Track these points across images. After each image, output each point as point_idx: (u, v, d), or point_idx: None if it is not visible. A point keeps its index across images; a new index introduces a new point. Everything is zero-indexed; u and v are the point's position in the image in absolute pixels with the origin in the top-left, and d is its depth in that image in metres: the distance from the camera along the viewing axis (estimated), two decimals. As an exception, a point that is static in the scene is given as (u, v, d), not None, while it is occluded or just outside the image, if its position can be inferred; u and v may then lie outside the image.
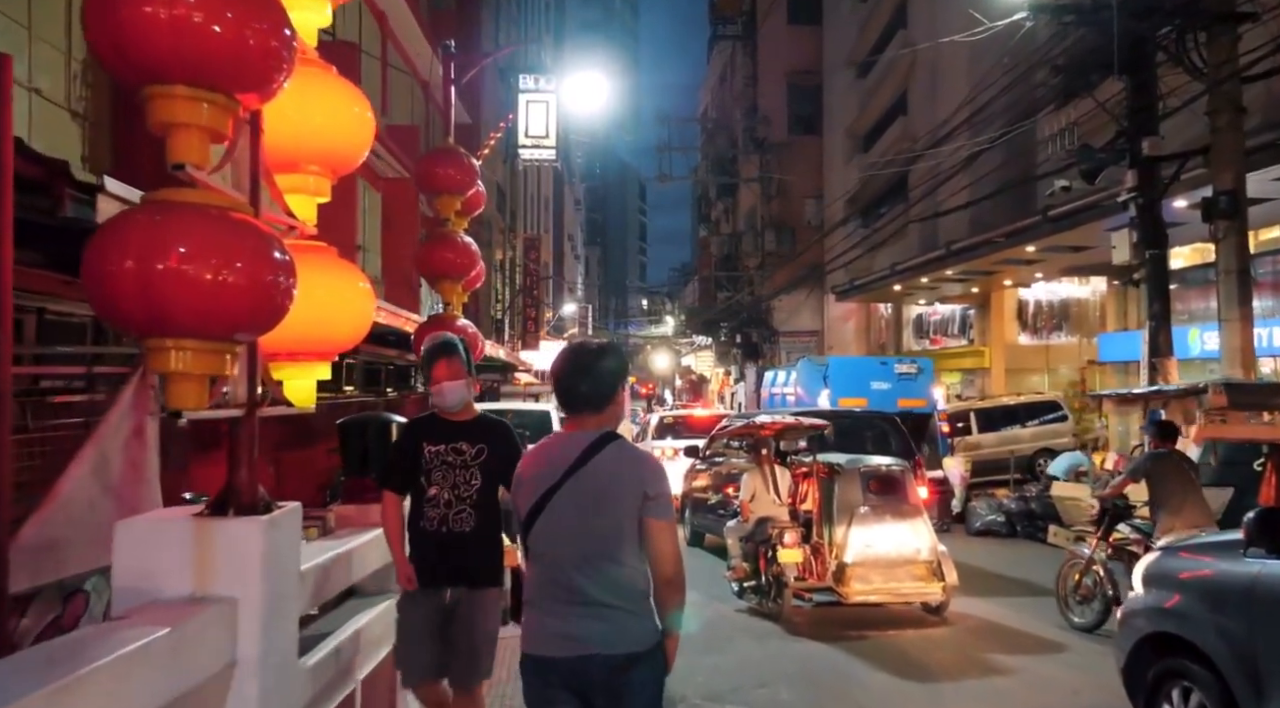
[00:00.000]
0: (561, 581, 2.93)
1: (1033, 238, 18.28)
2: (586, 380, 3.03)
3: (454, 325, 6.69)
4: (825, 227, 33.04)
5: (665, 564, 2.96)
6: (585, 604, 2.91)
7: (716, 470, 12.96)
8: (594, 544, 2.93)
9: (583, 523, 2.93)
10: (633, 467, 3.00)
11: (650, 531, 2.94)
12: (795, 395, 18.11)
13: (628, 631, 2.93)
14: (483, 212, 27.13)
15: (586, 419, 3.04)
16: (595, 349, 3.15)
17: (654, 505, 2.95)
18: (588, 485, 2.94)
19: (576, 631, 2.91)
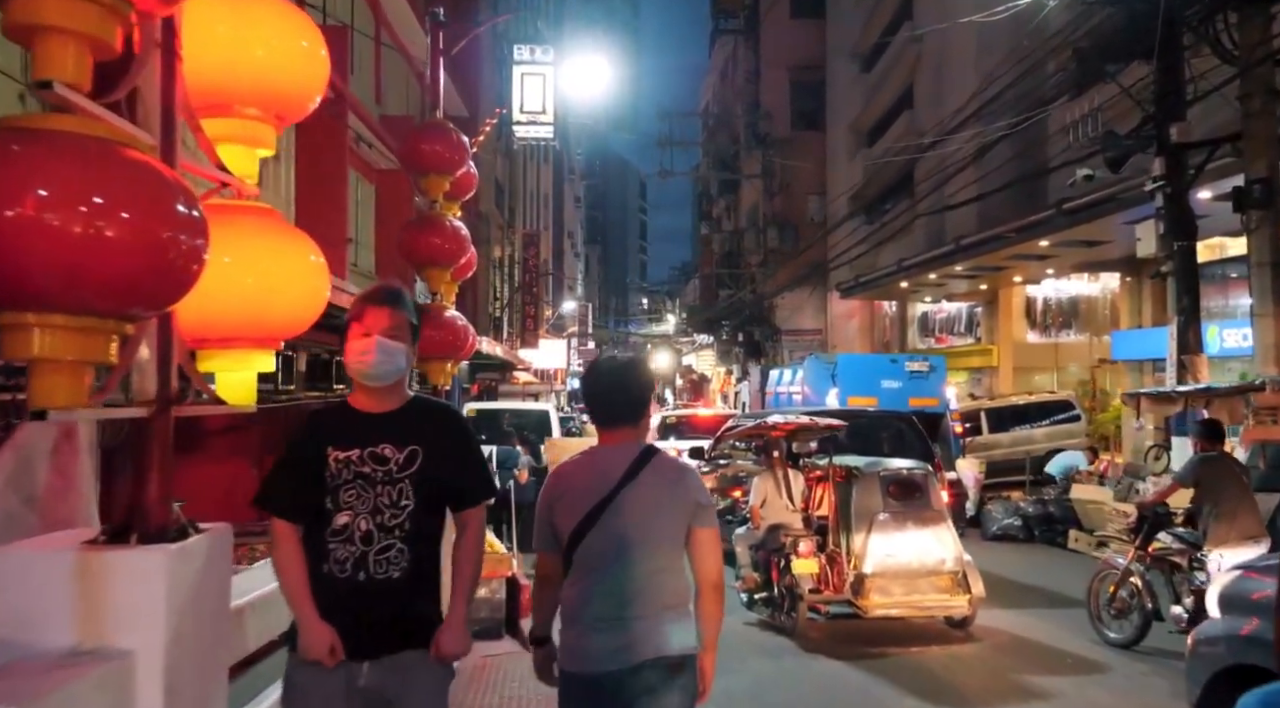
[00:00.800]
0: (615, 593, 2.95)
1: (1046, 232, 17.68)
2: (624, 394, 3.10)
3: (443, 318, 6.10)
4: (829, 223, 32.53)
5: (714, 570, 3.07)
6: (641, 614, 2.95)
7: (723, 473, 12.38)
8: (650, 554, 2.98)
9: (640, 533, 2.98)
10: (685, 477, 3.11)
11: (700, 538, 3.04)
12: (802, 394, 17.52)
13: (673, 635, 2.98)
14: (480, 207, 26.48)
15: (626, 432, 3.09)
16: (628, 363, 3.21)
17: (704, 514, 3.07)
18: (643, 496, 2.99)
19: (632, 640, 2.93)
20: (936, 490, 7.93)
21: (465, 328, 6.10)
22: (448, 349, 5.97)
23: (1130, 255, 19.57)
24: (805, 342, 37.00)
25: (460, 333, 6.00)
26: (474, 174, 6.74)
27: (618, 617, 2.94)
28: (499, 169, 31.52)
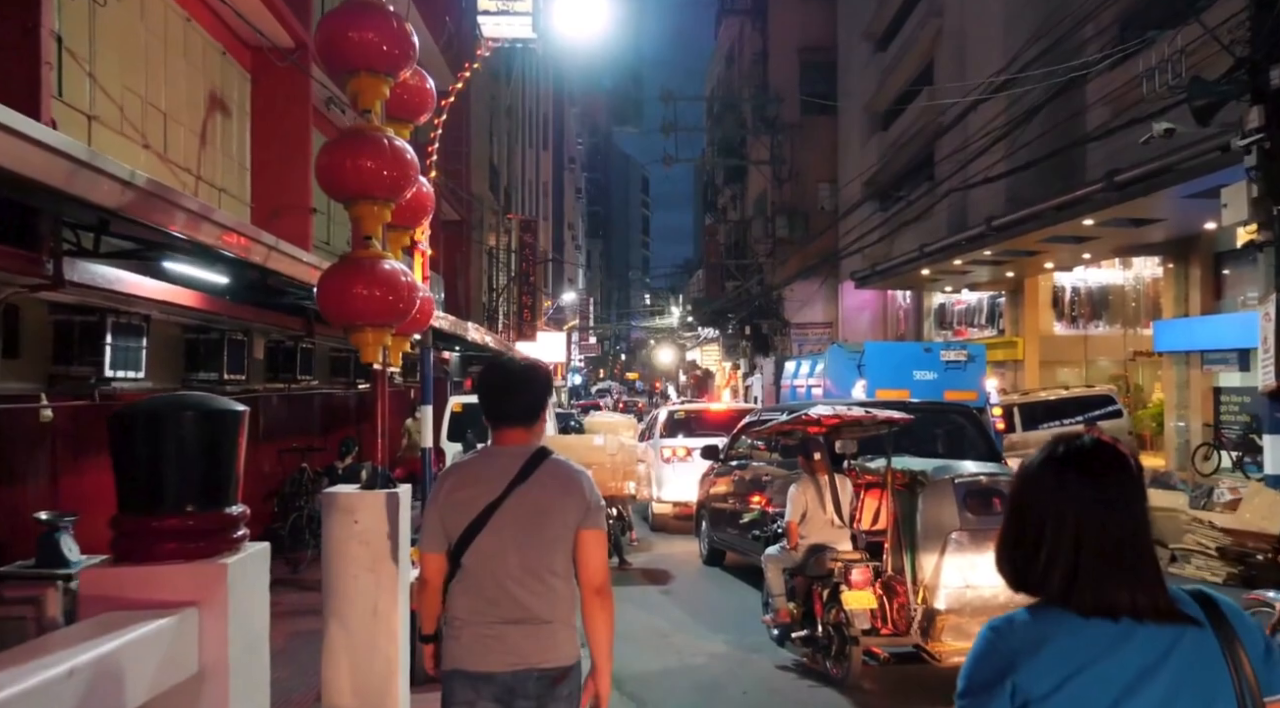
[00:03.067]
0: (503, 597, 2.94)
1: (1092, 209, 16.04)
2: (518, 396, 3.08)
3: (377, 271, 4.44)
4: (840, 211, 31.06)
5: (598, 573, 3.01)
6: (524, 618, 2.93)
7: (740, 475, 10.77)
8: (535, 558, 2.96)
9: (526, 537, 2.96)
10: (576, 480, 3.04)
11: (586, 541, 2.99)
12: (822, 388, 15.88)
13: (561, 644, 2.98)
14: (473, 188, 24.66)
15: (519, 433, 3.08)
16: (524, 366, 3.19)
17: (594, 516, 3.02)
18: (533, 499, 2.97)
19: (515, 646, 2.93)
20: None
21: (411, 287, 4.45)
22: (385, 313, 4.33)
23: (1178, 237, 18.07)
24: (815, 335, 35.74)
25: (403, 293, 4.36)
26: (430, 89, 5.09)
27: (505, 620, 2.93)
28: (495, 153, 29.92)
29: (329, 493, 4.69)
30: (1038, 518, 1.69)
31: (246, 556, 2.72)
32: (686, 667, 7.21)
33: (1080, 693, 1.60)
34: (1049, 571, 1.66)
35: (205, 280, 8.09)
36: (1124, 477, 1.69)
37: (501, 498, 2.95)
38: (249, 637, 2.69)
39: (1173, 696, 1.60)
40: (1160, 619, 1.63)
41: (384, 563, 4.67)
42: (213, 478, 2.66)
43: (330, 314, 4.42)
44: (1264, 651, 1.68)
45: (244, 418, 2.77)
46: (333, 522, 4.60)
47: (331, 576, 4.60)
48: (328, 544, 4.60)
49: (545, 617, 2.94)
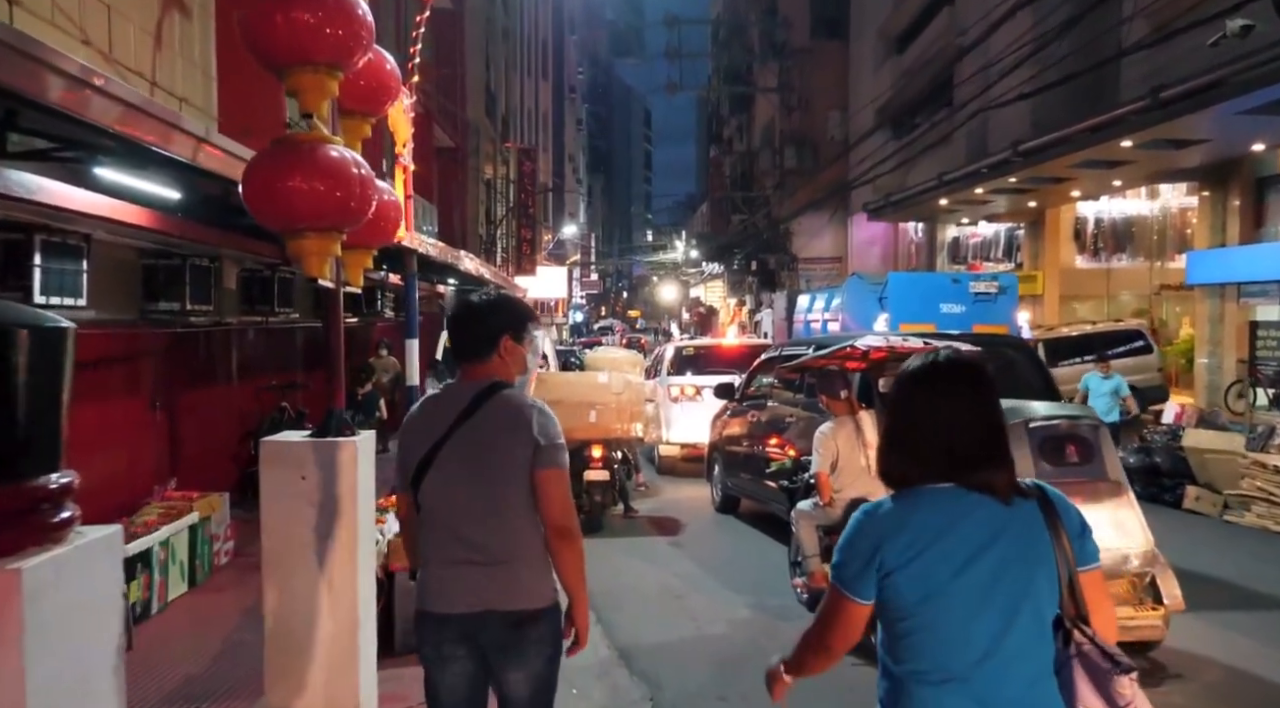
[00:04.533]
0: (456, 535, 2.88)
1: (1131, 129, 14.88)
2: (470, 330, 2.99)
3: (319, 159, 3.43)
4: (851, 140, 29.84)
5: (553, 510, 2.87)
6: (481, 560, 2.85)
7: (757, 417, 9.86)
8: (485, 497, 2.87)
9: (473, 475, 2.88)
10: (524, 413, 2.91)
11: (539, 480, 2.87)
12: (840, 322, 14.91)
13: (523, 586, 2.86)
14: (468, 114, 23.28)
15: (477, 368, 3.00)
16: (479, 300, 3.06)
17: (547, 454, 2.88)
18: (475, 436, 2.89)
19: (473, 586, 2.85)
20: (1112, 451, 5.34)
21: (366, 182, 3.44)
22: (330, 213, 3.34)
23: (1217, 162, 16.93)
24: (824, 270, 34.77)
25: (353, 187, 3.37)
26: (391, 70, 4.04)
27: (460, 560, 2.86)
28: (491, 77, 28.60)
29: (270, 442, 3.74)
30: (916, 421, 2.03)
31: (72, 550, 1.77)
32: (705, 637, 6.35)
33: (930, 562, 1.94)
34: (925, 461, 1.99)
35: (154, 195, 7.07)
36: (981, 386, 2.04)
37: (447, 434, 2.88)
38: (77, 674, 1.74)
39: (1004, 564, 1.94)
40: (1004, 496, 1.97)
41: (340, 528, 3.74)
42: (10, 431, 1.69)
43: (261, 214, 3.43)
44: (1079, 529, 2.03)
45: (67, 340, 1.80)
46: (274, 478, 3.68)
47: (273, 545, 3.69)
48: (268, 506, 3.68)
49: (501, 556, 2.84)
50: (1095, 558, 2.04)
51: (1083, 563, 2.00)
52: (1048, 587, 1.95)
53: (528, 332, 3.06)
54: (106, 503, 7.48)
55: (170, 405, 9.15)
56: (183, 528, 7.45)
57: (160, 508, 7.64)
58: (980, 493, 1.94)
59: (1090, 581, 2.01)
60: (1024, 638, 1.93)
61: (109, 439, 7.85)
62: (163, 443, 8.87)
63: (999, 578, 1.91)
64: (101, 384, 7.76)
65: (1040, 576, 1.95)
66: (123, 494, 7.81)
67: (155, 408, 8.82)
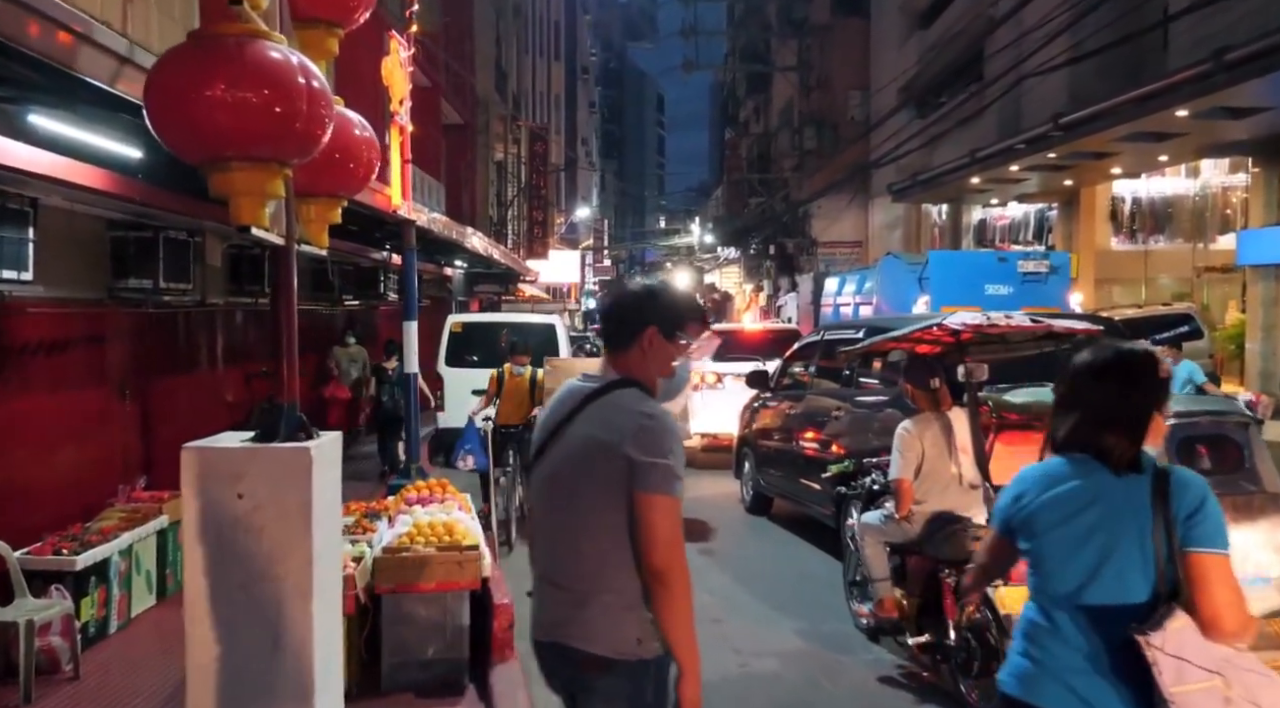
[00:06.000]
0: (547, 551, 2.58)
1: (1188, 97, 13.84)
2: (616, 315, 2.64)
3: (252, 55, 2.43)
4: (873, 120, 28.88)
5: (646, 546, 2.35)
6: (563, 584, 2.49)
7: (794, 408, 8.95)
8: (570, 515, 2.48)
9: (561, 487, 2.51)
10: (619, 421, 2.43)
11: (636, 505, 2.37)
12: (873, 306, 13.96)
13: (598, 627, 2.42)
14: (477, 89, 22.09)
15: (615, 360, 2.60)
16: (631, 286, 2.79)
17: (645, 473, 2.37)
18: (572, 440, 2.50)
19: (554, 613, 2.51)
20: (1265, 455, 4.37)
21: (318, 96, 2.50)
22: (267, 134, 2.38)
23: (1272, 134, 15.92)
24: (844, 254, 33.88)
25: (298, 101, 2.41)
26: None
27: (547, 579, 2.55)
28: (502, 55, 27.67)
29: (195, 450, 2.80)
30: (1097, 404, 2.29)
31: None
32: (752, 676, 5.40)
33: (1046, 509, 2.29)
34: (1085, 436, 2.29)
35: (109, 151, 6.15)
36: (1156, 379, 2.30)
37: (556, 431, 2.56)
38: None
39: (1095, 527, 2.21)
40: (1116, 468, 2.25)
41: (290, 562, 2.79)
42: None
43: (171, 138, 2.49)
44: (1191, 512, 2.18)
45: None
46: (201, 497, 2.73)
47: (199, 587, 2.73)
48: (192, 536, 2.73)
49: (580, 586, 2.47)
50: (1209, 544, 2.13)
51: (1188, 545, 2.13)
52: (1138, 555, 2.16)
53: (682, 330, 2.58)
54: (59, 506, 6.58)
55: (143, 395, 8.25)
56: (149, 534, 6.59)
57: (123, 512, 6.75)
58: (1098, 461, 2.24)
59: (1199, 563, 2.12)
60: (1104, 592, 2.17)
61: (64, 433, 6.95)
62: (133, 437, 7.97)
63: (1090, 537, 2.19)
64: (55, 370, 6.85)
65: (1127, 543, 2.17)
66: (81, 496, 6.91)
67: (125, 397, 7.92)
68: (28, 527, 6.06)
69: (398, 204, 7.70)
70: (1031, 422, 4.78)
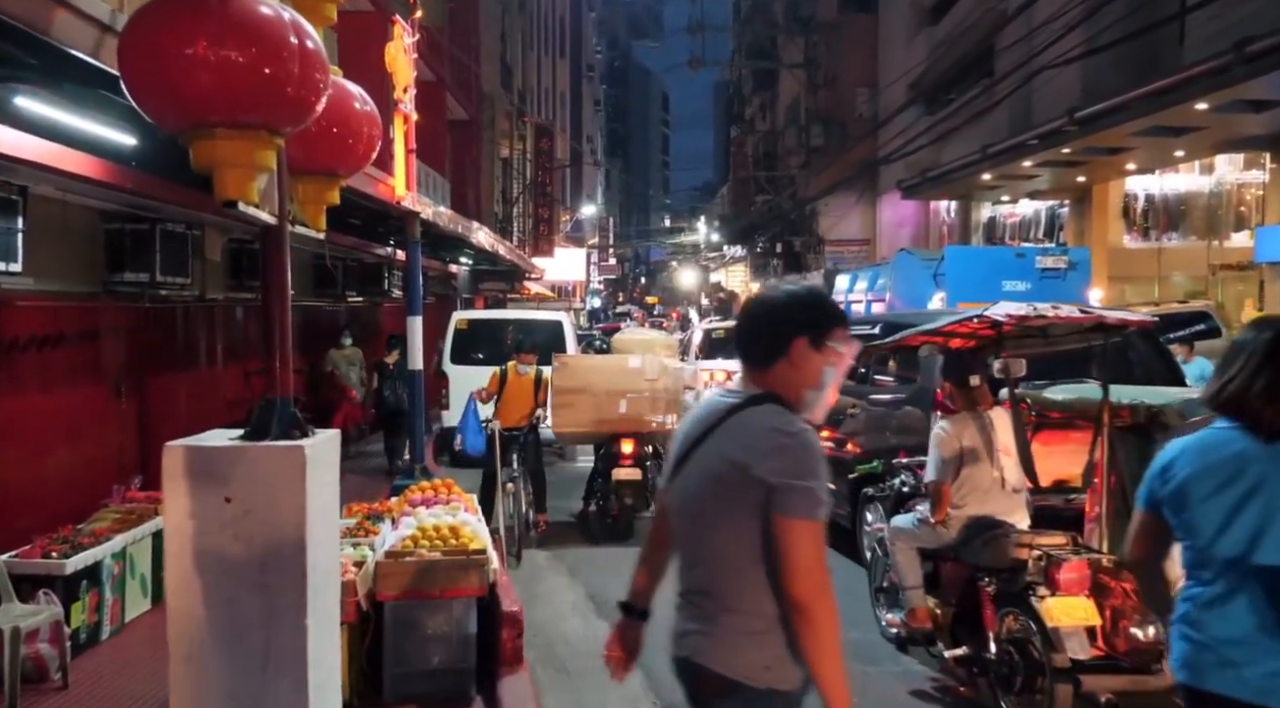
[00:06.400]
0: (682, 568, 2.45)
1: (1208, 90, 13.57)
2: (756, 326, 2.40)
3: (235, 6, 2.17)
4: (880, 117, 28.65)
5: (789, 579, 2.18)
6: (694, 600, 2.37)
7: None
8: (703, 532, 2.34)
9: (695, 505, 2.36)
10: (750, 439, 2.25)
11: (774, 530, 2.19)
12: (886, 303, 13.72)
13: (723, 647, 2.28)
14: (484, 86, 21.76)
15: (755, 376, 2.39)
16: (772, 291, 2.46)
17: (779, 497, 2.19)
18: (707, 459, 2.34)
19: (684, 627, 2.38)
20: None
21: (312, 57, 2.21)
22: (254, 97, 2.11)
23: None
24: (852, 252, 33.65)
25: (288, 61, 2.11)
26: None
27: (681, 595, 2.43)
28: (508, 51, 27.43)
29: (178, 448, 2.55)
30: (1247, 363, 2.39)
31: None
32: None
33: (1198, 479, 2.37)
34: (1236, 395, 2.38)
35: (103, 138, 5.91)
36: None
37: (693, 447, 2.38)
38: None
39: (1251, 492, 2.29)
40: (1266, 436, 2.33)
41: (282, 572, 2.53)
42: None
43: (148, 101, 2.23)
44: None
45: None
46: (184, 500, 2.47)
47: (183, 603, 2.48)
48: (174, 544, 2.46)
49: (709, 604, 2.31)
50: None
51: None
52: None
53: (833, 338, 2.36)
54: (50, 507, 6.34)
55: (140, 392, 8.01)
56: (145, 535, 6.34)
57: (117, 513, 6.51)
58: (1248, 431, 2.34)
59: None
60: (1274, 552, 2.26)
61: (56, 431, 6.71)
62: (128, 435, 7.73)
63: (1248, 501, 2.29)
64: (46, 366, 6.61)
65: None
66: (74, 496, 6.67)
67: (120, 395, 7.68)
68: (18, 529, 5.85)
69: (402, 195, 7.46)
70: (1074, 420, 4.51)
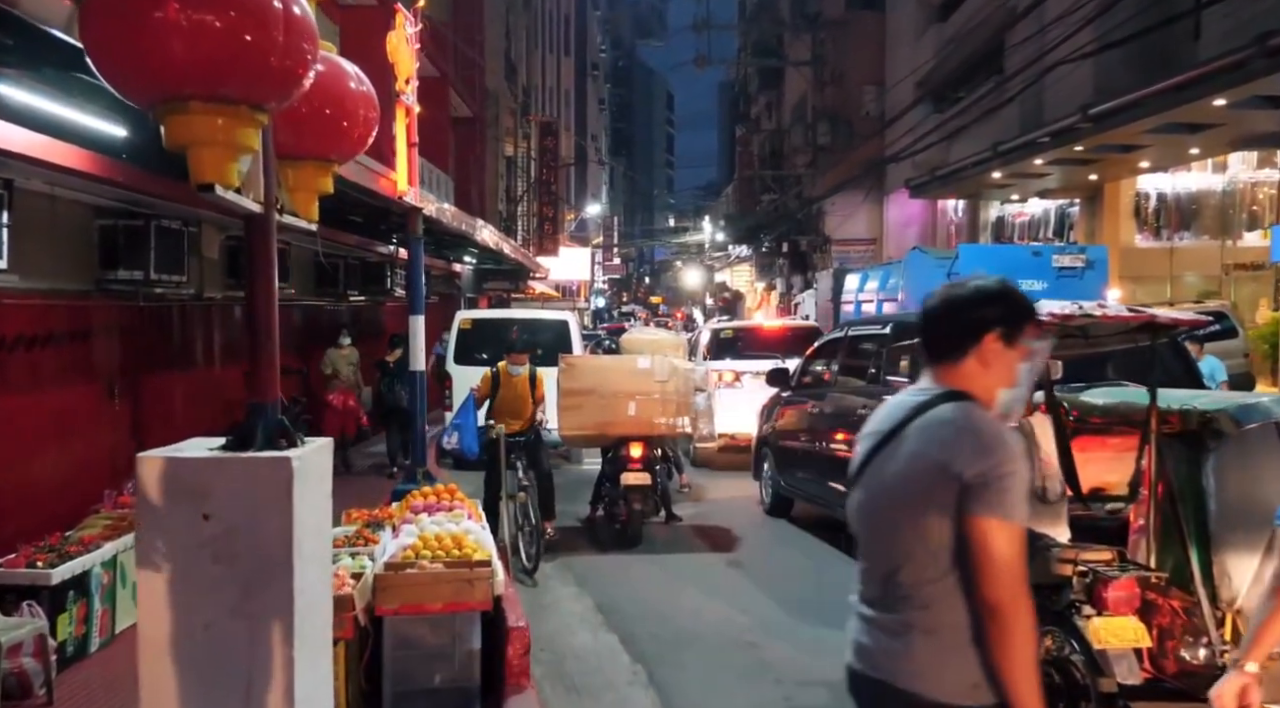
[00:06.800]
0: (863, 574, 2.33)
1: (1228, 84, 13.31)
2: (943, 321, 2.28)
3: None
4: (887, 116, 28.40)
5: (985, 581, 2.05)
6: (878, 613, 2.24)
7: (818, 408, 8.45)
8: (889, 537, 2.22)
9: (881, 507, 2.27)
10: (944, 437, 2.14)
11: (969, 530, 2.07)
12: (898, 302, 13.46)
13: (917, 662, 2.13)
14: (487, 83, 21.48)
15: (942, 373, 2.27)
16: (959, 285, 2.33)
17: (973, 496, 2.07)
18: (890, 460, 2.24)
19: (867, 642, 2.26)
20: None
21: (299, 24, 1.94)
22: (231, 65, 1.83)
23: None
24: (858, 252, 33.40)
25: (271, 25, 1.84)
26: None
27: (861, 604, 2.30)
28: (513, 49, 27.20)
29: (151, 459, 2.30)
30: None
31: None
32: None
33: None
34: None
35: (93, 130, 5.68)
36: None
37: (875, 449, 2.28)
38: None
39: None
40: None
41: (266, 596, 2.29)
42: None
43: (114, 72, 1.98)
44: None
45: None
46: (157, 517, 2.22)
47: (154, 624, 2.22)
48: (146, 565, 2.22)
49: (897, 616, 2.18)
50: None
51: None
52: None
53: (1025, 333, 2.25)
54: (39, 513, 6.10)
55: (134, 393, 7.78)
56: (136, 543, 6.07)
57: (109, 519, 6.27)
58: None
59: None
60: None
61: (46, 434, 6.48)
62: (122, 438, 7.49)
63: None
64: (35, 366, 6.37)
65: None
66: (64, 501, 6.43)
67: (113, 396, 7.45)
68: (4, 536, 5.63)
69: (404, 189, 7.22)
70: (1114, 425, 4.26)
